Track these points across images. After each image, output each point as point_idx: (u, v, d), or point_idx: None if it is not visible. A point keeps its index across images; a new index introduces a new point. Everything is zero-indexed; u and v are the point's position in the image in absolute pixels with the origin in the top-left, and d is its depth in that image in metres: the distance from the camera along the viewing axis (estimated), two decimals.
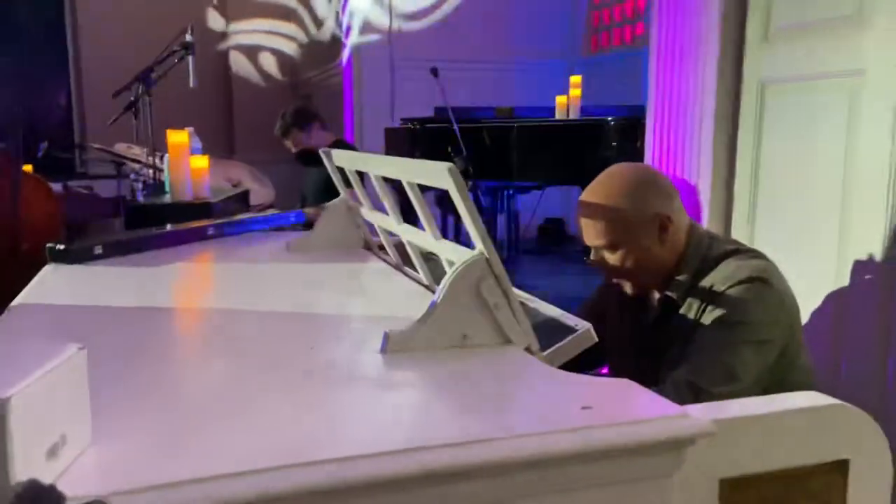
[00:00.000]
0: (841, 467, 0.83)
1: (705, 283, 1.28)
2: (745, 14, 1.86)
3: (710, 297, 1.26)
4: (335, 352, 0.98)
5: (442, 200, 3.90)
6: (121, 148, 3.83)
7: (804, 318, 1.40)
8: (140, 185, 3.30)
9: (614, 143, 3.47)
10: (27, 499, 0.29)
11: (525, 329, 0.98)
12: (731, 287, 1.24)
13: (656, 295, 1.38)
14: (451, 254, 1.08)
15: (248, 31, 6.59)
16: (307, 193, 3.55)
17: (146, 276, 1.44)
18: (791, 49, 1.75)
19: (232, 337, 1.04)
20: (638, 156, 2.96)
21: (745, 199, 1.89)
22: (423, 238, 1.22)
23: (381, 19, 5.25)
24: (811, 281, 1.58)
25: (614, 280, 1.37)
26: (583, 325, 1.03)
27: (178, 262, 1.57)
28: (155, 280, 1.43)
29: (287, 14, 6.59)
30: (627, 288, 1.36)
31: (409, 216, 1.31)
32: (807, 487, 0.82)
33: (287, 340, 1.01)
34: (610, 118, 3.45)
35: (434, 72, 3.87)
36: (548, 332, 1.03)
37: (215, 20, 6.54)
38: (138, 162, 3.34)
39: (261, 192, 3.94)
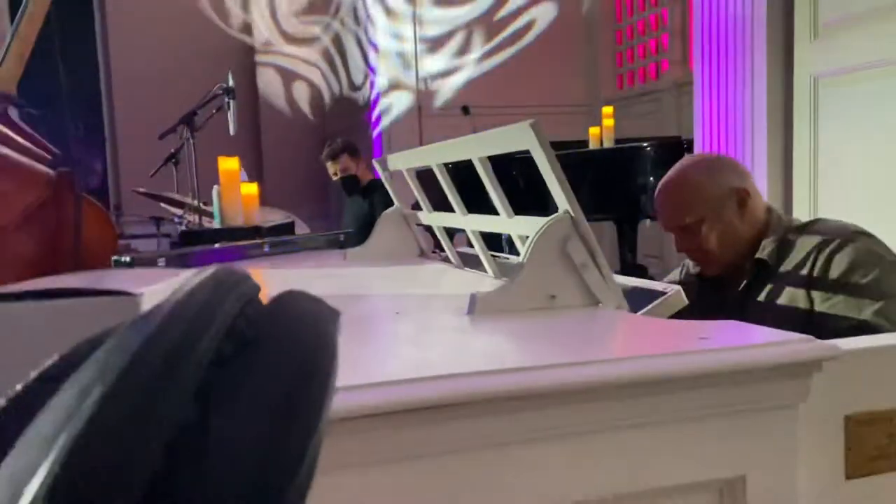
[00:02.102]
0: None
1: (805, 243, 1.27)
2: (791, 12, 1.87)
3: (832, 250, 1.23)
4: (421, 315, 0.96)
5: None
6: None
7: None
8: (181, 229, 3.35)
9: (651, 170, 3.45)
10: (227, 280, 0.27)
11: (613, 290, 0.95)
12: (848, 241, 1.23)
13: (735, 275, 1.36)
14: (528, 228, 1.06)
15: (283, 54, 6.73)
16: (347, 225, 3.60)
17: None
18: (842, 42, 1.75)
19: None
20: None
21: (804, 192, 1.87)
22: (495, 222, 1.21)
23: (410, 75, 5.36)
24: None
25: (699, 262, 1.38)
26: (672, 288, 1.01)
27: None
28: None
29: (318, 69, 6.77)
30: (712, 267, 1.37)
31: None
32: None
33: (369, 309, 1.00)
34: (646, 144, 3.45)
35: (465, 110, 3.93)
36: (635, 298, 1.01)
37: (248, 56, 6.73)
38: (183, 205, 3.39)
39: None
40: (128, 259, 1.49)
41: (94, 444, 0.19)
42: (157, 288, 0.57)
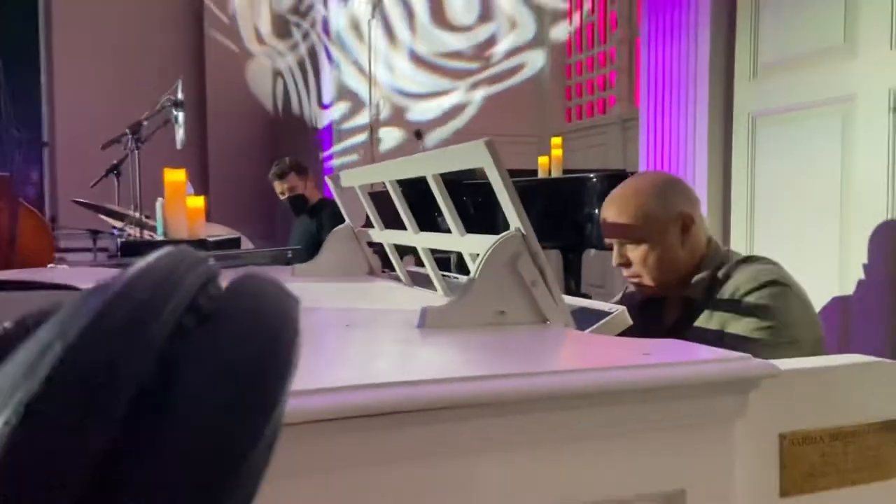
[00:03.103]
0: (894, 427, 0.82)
1: (728, 287, 1.30)
2: (732, 53, 1.96)
3: (736, 302, 1.28)
4: (371, 328, 0.95)
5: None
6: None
7: None
8: (121, 241, 3.25)
9: (597, 201, 3.52)
10: (189, 256, 0.27)
11: (562, 308, 0.97)
12: (755, 290, 1.26)
13: (672, 301, 1.39)
14: (480, 247, 1.07)
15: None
16: (294, 245, 3.55)
17: None
18: (780, 82, 1.84)
19: None
20: None
21: (741, 225, 1.94)
22: (447, 240, 1.21)
23: (363, 93, 5.38)
24: (814, 298, 1.60)
25: (634, 280, 1.38)
26: (617, 308, 1.03)
27: None
28: None
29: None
30: (646, 287, 1.37)
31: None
32: (864, 445, 0.81)
33: (318, 321, 0.99)
34: (592, 175, 3.53)
35: (418, 134, 3.96)
36: (581, 318, 1.03)
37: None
38: (124, 217, 3.30)
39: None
40: (64, 267, 1.44)
41: (53, 399, 0.19)
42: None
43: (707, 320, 1.32)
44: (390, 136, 5.20)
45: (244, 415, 0.21)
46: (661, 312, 1.43)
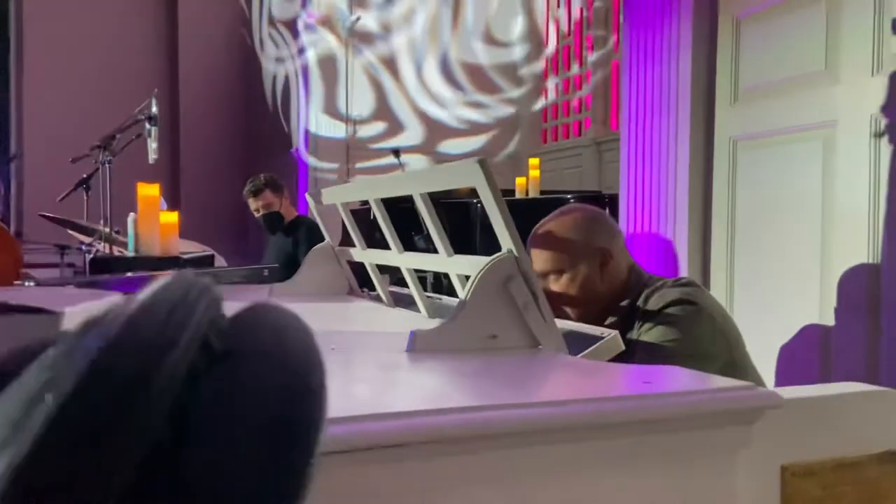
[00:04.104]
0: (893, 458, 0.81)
1: (639, 312, 1.35)
2: (713, 77, 1.98)
3: (643, 322, 1.33)
4: (358, 351, 0.92)
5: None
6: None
7: (791, 360, 1.42)
8: (90, 257, 3.17)
9: None
10: (196, 282, 0.24)
11: (554, 332, 0.94)
12: (659, 310, 1.31)
13: None
14: (469, 268, 1.05)
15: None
16: (268, 263, 3.49)
17: None
18: (761, 107, 1.86)
19: None
20: None
21: (721, 249, 1.95)
22: (433, 261, 1.19)
23: (339, 120, 5.36)
24: (795, 322, 1.60)
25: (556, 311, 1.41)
26: (609, 333, 1.01)
27: None
28: None
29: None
30: (568, 319, 1.39)
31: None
32: (865, 478, 0.79)
33: None
34: (570, 197, 3.54)
35: (396, 153, 3.93)
36: (571, 342, 1.00)
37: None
38: (93, 232, 3.21)
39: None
40: (31, 284, 1.39)
41: (43, 468, 0.15)
42: (80, 309, 0.51)
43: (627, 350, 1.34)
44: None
45: (271, 479, 0.18)
46: None
